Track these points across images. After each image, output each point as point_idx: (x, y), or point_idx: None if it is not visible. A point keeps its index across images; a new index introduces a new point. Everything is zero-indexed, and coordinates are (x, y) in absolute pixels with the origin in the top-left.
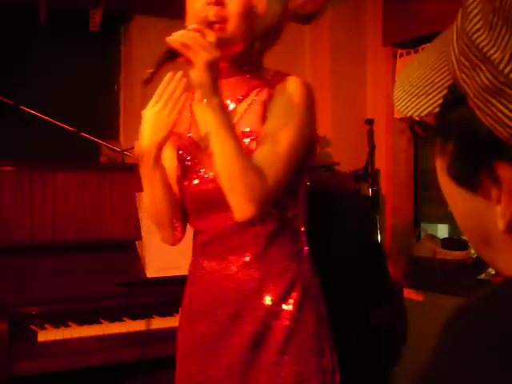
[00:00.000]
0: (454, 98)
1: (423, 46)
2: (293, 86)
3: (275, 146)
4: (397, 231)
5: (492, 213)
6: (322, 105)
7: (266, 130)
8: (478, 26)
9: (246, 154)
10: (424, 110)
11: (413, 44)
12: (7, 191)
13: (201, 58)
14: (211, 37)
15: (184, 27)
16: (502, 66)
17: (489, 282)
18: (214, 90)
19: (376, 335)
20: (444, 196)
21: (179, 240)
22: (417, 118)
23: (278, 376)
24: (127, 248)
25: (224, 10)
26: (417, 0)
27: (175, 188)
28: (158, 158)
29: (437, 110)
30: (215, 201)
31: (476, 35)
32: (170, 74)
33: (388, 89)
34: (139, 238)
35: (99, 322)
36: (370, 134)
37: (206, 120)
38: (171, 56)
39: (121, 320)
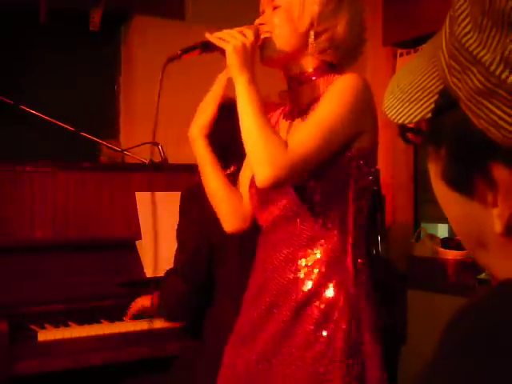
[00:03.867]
0: (446, 103)
1: (423, 45)
2: (342, 78)
3: (306, 125)
4: (397, 231)
5: (488, 216)
6: None
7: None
8: (467, 30)
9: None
10: (416, 116)
11: (413, 44)
12: (7, 191)
13: (229, 44)
14: (250, 34)
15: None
16: (493, 67)
17: (489, 282)
18: (241, 70)
19: None
20: (438, 201)
21: (240, 229)
22: (410, 125)
23: (300, 371)
24: (127, 248)
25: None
26: (417, 0)
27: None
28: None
29: (429, 115)
30: (270, 193)
31: (466, 38)
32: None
33: None
34: (139, 237)
35: (99, 322)
36: None
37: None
38: (204, 47)
39: (121, 320)
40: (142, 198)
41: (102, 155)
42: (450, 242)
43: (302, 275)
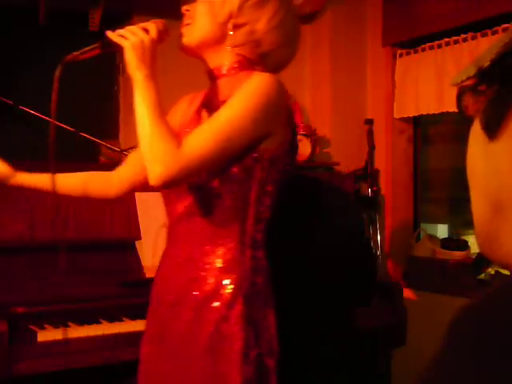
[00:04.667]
0: (506, 51)
1: (423, 45)
2: (254, 77)
3: (206, 125)
4: (396, 231)
5: (510, 162)
6: (322, 105)
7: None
8: None
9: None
10: (473, 69)
11: (413, 44)
12: (7, 191)
13: (127, 41)
14: (152, 30)
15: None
16: None
17: (488, 282)
18: (138, 66)
19: (374, 335)
20: (467, 165)
21: (120, 195)
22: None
23: (203, 372)
24: (127, 248)
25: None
26: (417, 0)
27: None
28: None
29: (487, 63)
30: (176, 188)
31: None
32: None
33: (388, 89)
34: (139, 237)
35: (99, 322)
36: (370, 134)
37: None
38: (105, 46)
39: (121, 320)
40: (142, 198)
41: (102, 155)
42: (449, 243)
43: (202, 274)
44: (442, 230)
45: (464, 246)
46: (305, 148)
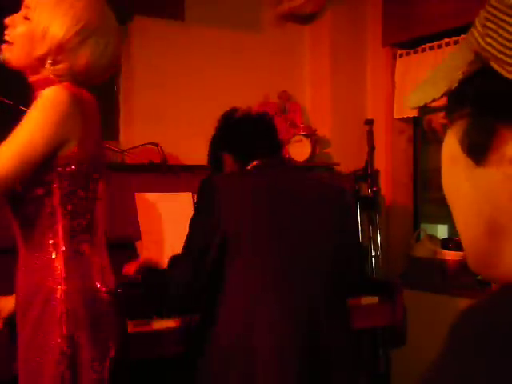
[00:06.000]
0: (475, 68)
1: (423, 46)
2: (42, 95)
3: (4, 146)
4: (396, 231)
5: (503, 185)
6: (322, 105)
7: None
8: None
9: None
10: (440, 90)
11: (413, 44)
12: None
13: None
14: None
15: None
16: None
17: (488, 283)
18: None
19: (374, 335)
20: (446, 189)
21: None
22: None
23: (24, 364)
24: (127, 248)
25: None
26: (417, 0)
27: None
28: None
29: (455, 85)
30: None
31: None
32: None
33: (388, 89)
34: (139, 238)
35: None
36: (370, 134)
37: None
38: None
39: None
40: (142, 199)
41: None
42: (449, 243)
43: (25, 277)
44: (442, 230)
45: None
46: (305, 148)
